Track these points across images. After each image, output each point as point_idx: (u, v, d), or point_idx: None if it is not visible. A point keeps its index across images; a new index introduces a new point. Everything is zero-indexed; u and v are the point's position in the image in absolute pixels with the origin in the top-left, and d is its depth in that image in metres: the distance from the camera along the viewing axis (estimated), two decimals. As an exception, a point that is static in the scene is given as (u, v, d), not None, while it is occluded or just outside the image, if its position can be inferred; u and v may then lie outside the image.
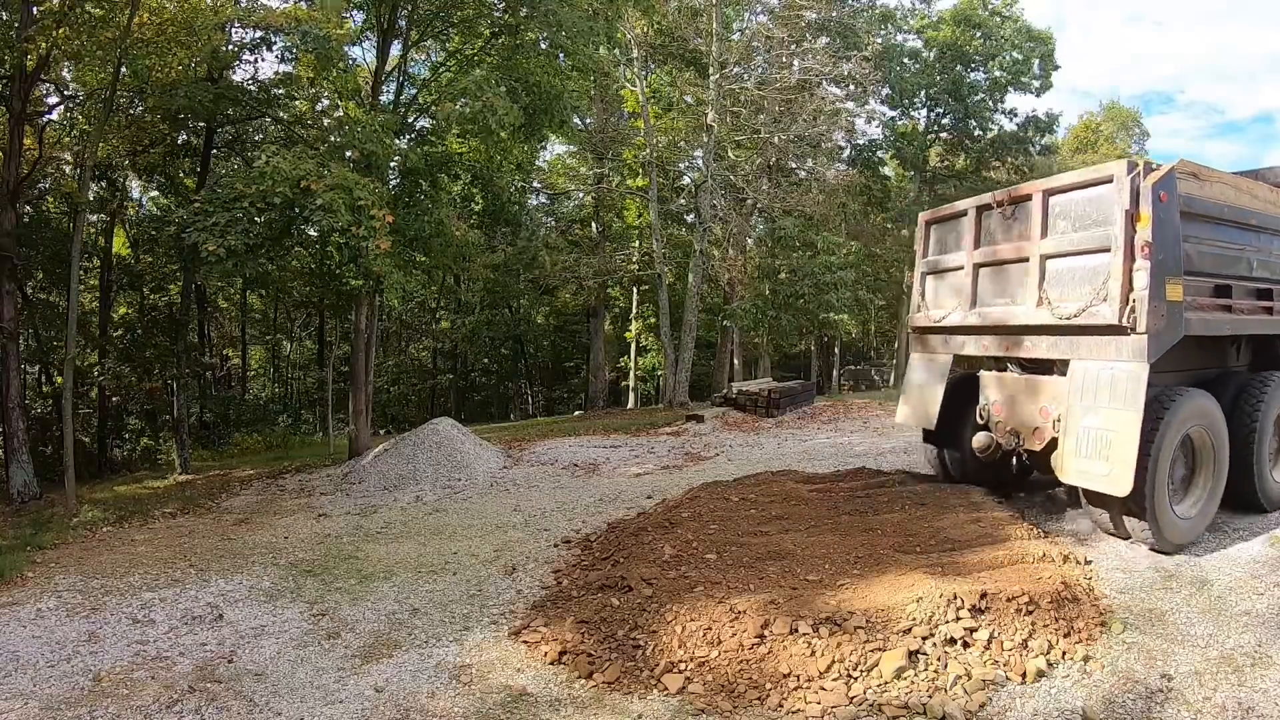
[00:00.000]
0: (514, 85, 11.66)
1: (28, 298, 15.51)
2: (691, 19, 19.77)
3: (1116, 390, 5.10)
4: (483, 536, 7.26)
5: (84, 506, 9.40)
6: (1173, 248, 5.11)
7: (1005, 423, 6.27)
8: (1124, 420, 5.00)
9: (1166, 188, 5.06)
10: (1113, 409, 5.10)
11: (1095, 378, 5.26)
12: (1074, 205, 5.50)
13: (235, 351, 26.41)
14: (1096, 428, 5.16)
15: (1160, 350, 5.06)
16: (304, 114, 13.28)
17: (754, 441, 12.15)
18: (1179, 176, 5.23)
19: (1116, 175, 5.14)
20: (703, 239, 19.62)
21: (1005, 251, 6.05)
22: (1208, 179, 5.61)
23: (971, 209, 6.40)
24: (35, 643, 4.97)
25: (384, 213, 9.33)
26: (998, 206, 6.12)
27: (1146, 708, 3.67)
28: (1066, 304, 5.43)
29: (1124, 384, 5.07)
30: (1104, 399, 5.17)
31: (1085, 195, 5.41)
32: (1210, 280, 5.62)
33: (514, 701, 4.04)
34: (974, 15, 27.15)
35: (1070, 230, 5.52)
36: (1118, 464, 4.97)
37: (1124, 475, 4.94)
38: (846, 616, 4.30)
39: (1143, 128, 46.17)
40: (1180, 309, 5.15)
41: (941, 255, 6.85)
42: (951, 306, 6.63)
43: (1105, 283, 5.17)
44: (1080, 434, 5.26)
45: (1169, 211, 5.08)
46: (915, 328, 7.12)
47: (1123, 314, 5.05)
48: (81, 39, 10.06)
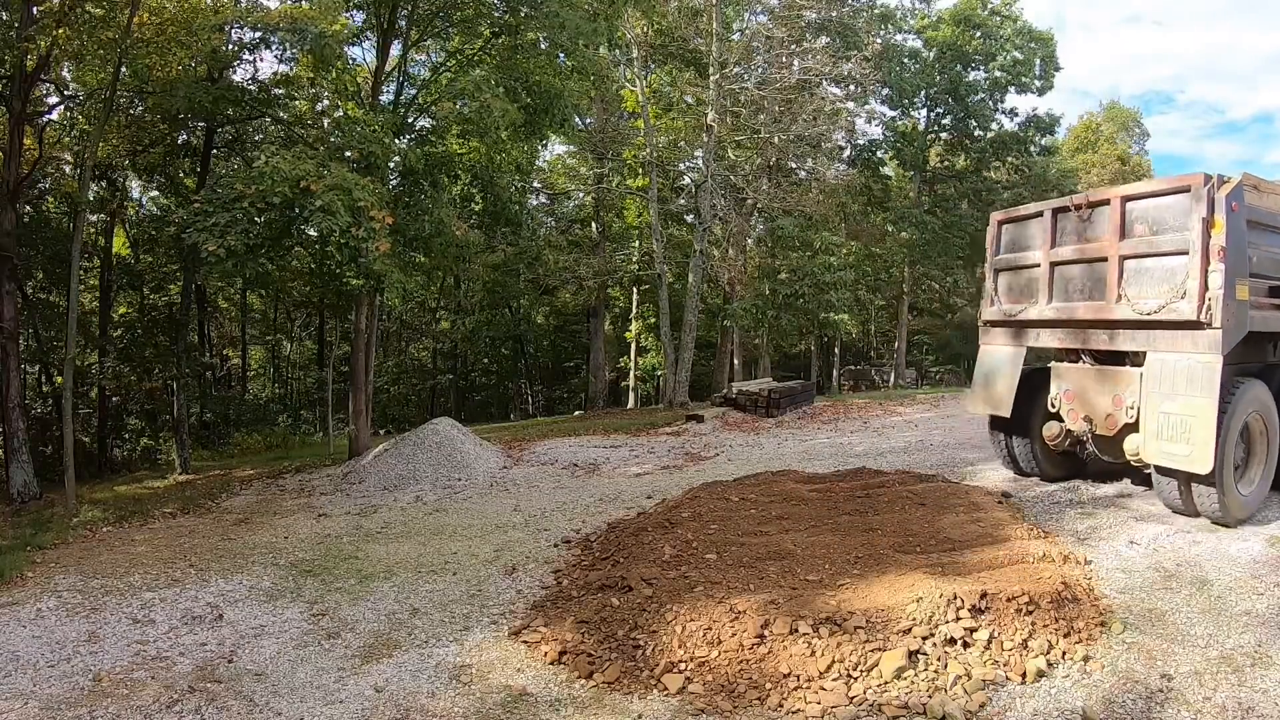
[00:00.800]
0: (514, 85, 11.65)
1: (28, 298, 15.51)
2: (691, 19, 19.77)
3: (1194, 379, 5.60)
4: (483, 536, 7.26)
5: (84, 506, 9.41)
6: (1241, 252, 5.62)
7: (1078, 410, 6.67)
8: (1202, 406, 5.50)
9: (1236, 198, 5.58)
10: (1190, 396, 5.60)
11: (1173, 368, 5.75)
12: (1152, 211, 6.00)
13: (235, 351, 26.41)
14: (1176, 413, 5.66)
15: (1231, 344, 5.55)
16: (304, 114, 13.29)
17: (754, 441, 12.15)
18: (1244, 188, 5.72)
19: (1194, 186, 5.65)
20: (703, 239, 19.62)
21: (1083, 251, 6.49)
22: (1267, 190, 6.09)
23: (1048, 211, 6.84)
24: (35, 643, 4.97)
25: (383, 214, 9.33)
26: (1075, 209, 6.56)
27: (1146, 708, 3.67)
28: (1145, 301, 5.92)
29: (1201, 373, 5.58)
30: (1182, 387, 5.67)
31: (1163, 202, 5.92)
32: (1267, 282, 6.04)
33: (514, 701, 4.04)
34: (974, 15, 27.14)
35: (1148, 234, 5.99)
36: (1198, 446, 5.47)
37: (1204, 456, 5.43)
38: (846, 616, 4.30)
39: (1143, 128, 46.21)
40: (1246, 307, 5.67)
41: (1014, 253, 7.26)
42: (1027, 301, 7.06)
43: (1184, 282, 5.67)
44: (1160, 419, 5.76)
45: (1238, 219, 5.59)
46: (988, 321, 7.52)
47: (1200, 310, 5.54)
48: (81, 39, 10.07)
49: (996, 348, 7.43)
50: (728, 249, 24.49)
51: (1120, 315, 6.08)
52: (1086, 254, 6.45)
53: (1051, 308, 6.74)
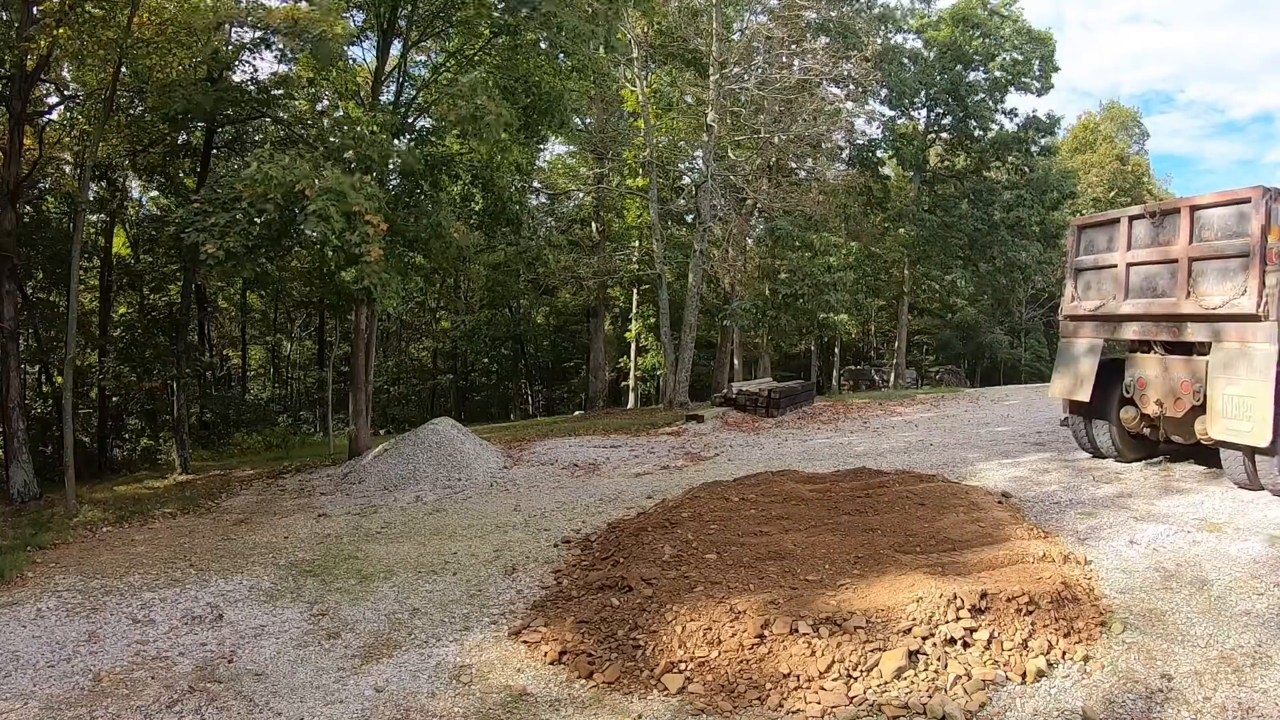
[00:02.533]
0: (514, 85, 11.64)
1: (28, 298, 15.51)
2: (691, 19, 19.76)
3: (1254, 365, 6.37)
4: (483, 536, 7.25)
5: (84, 506, 9.41)
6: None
7: (1150, 395, 7.46)
8: (1262, 389, 6.25)
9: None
10: (1251, 380, 6.35)
11: (1236, 355, 6.55)
12: (1217, 218, 6.80)
13: (235, 351, 26.42)
14: (1239, 395, 6.42)
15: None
16: (304, 114, 13.29)
17: (754, 441, 12.15)
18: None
19: (1254, 198, 6.43)
20: (703, 239, 19.62)
21: (1156, 254, 7.31)
22: None
23: (1124, 218, 7.72)
24: (35, 643, 4.97)
25: (378, 219, 9.29)
26: (1150, 217, 7.39)
27: (1146, 708, 3.67)
28: (1211, 297, 6.72)
29: (1260, 360, 6.34)
30: (1243, 372, 6.43)
31: (1227, 211, 6.69)
32: None
33: (514, 701, 4.04)
34: (973, 15, 27.14)
35: (1214, 239, 6.79)
36: (1259, 423, 6.22)
37: (1264, 431, 6.18)
38: (846, 616, 4.30)
39: (1142, 128, 46.17)
40: None
41: (1092, 255, 8.11)
42: (1105, 298, 7.88)
43: (1245, 281, 6.47)
44: (1225, 400, 6.53)
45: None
46: (1069, 316, 8.37)
47: (1259, 305, 6.31)
48: (82, 39, 10.05)
49: (1077, 340, 8.26)
50: (728, 249, 24.50)
51: (1189, 310, 6.91)
52: (1159, 256, 7.27)
53: (1128, 304, 7.57)
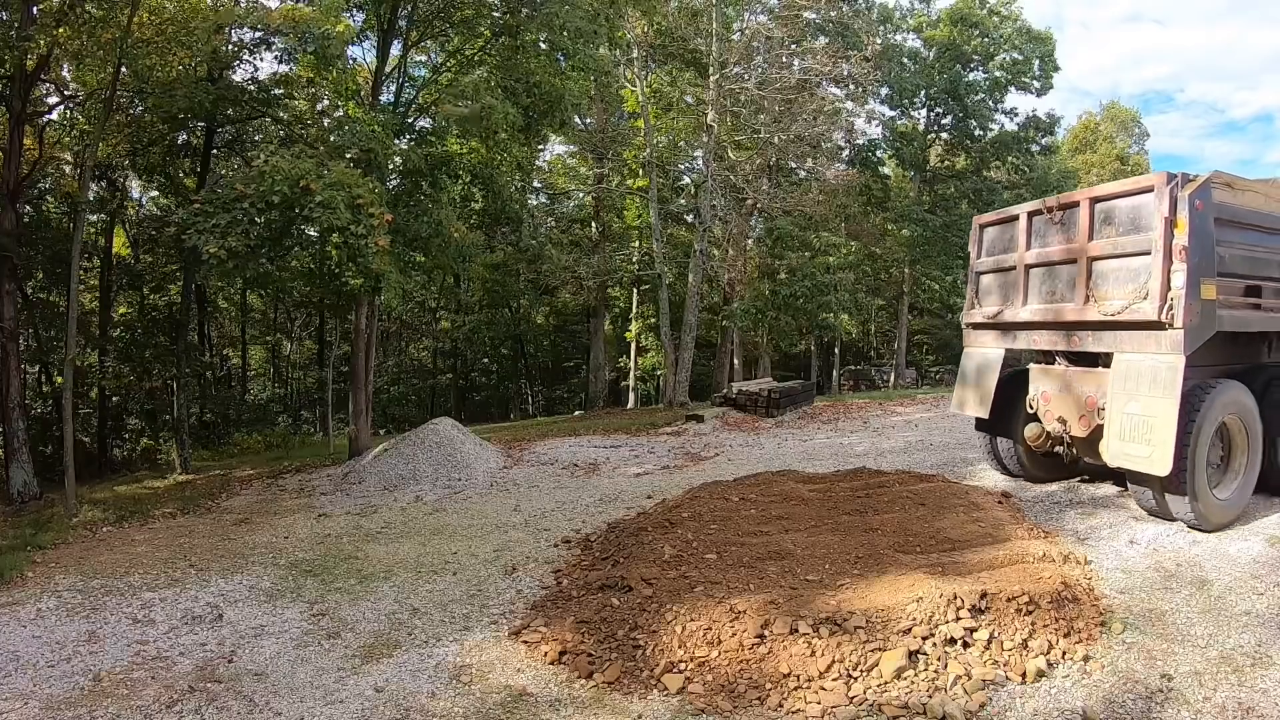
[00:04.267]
0: (514, 86, 11.64)
1: (28, 298, 15.51)
2: (691, 19, 19.77)
3: (1157, 380, 5.56)
4: (483, 536, 7.25)
5: (84, 506, 9.40)
6: (1207, 251, 5.57)
7: (1053, 411, 6.71)
8: (1163, 407, 5.45)
9: (1202, 196, 5.51)
10: (1152, 397, 5.55)
11: (1137, 368, 5.72)
12: (1118, 212, 5.96)
13: (235, 351, 26.42)
14: (1138, 414, 5.61)
15: (1195, 344, 5.50)
16: (304, 114, 13.30)
17: (754, 441, 12.15)
18: (1214, 186, 5.65)
19: (1157, 185, 5.59)
20: (703, 239, 19.62)
21: (1055, 253, 6.50)
22: (1241, 188, 6.00)
23: (1023, 213, 6.86)
24: (35, 643, 4.97)
25: (382, 211, 9.31)
26: (1047, 211, 6.58)
27: (1146, 708, 3.67)
28: (1111, 301, 5.90)
29: (1163, 374, 5.53)
30: (1145, 388, 5.62)
31: (1129, 203, 5.86)
32: (1242, 281, 6.01)
33: (514, 701, 4.04)
34: (972, 14, 27.16)
35: (1115, 234, 5.97)
36: (1158, 447, 5.41)
37: (1164, 457, 5.37)
38: (846, 616, 4.30)
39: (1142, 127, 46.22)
40: (1214, 307, 5.61)
41: (994, 256, 7.34)
42: (1004, 303, 7.13)
43: (1146, 282, 5.65)
44: (1123, 420, 5.71)
45: (1204, 218, 5.54)
46: (969, 323, 7.61)
47: (1162, 311, 5.50)
48: (81, 39, 10.06)
49: (978, 350, 7.53)
50: (728, 249, 24.50)
51: (1088, 316, 6.11)
52: (1058, 256, 6.46)
53: (1027, 310, 6.78)
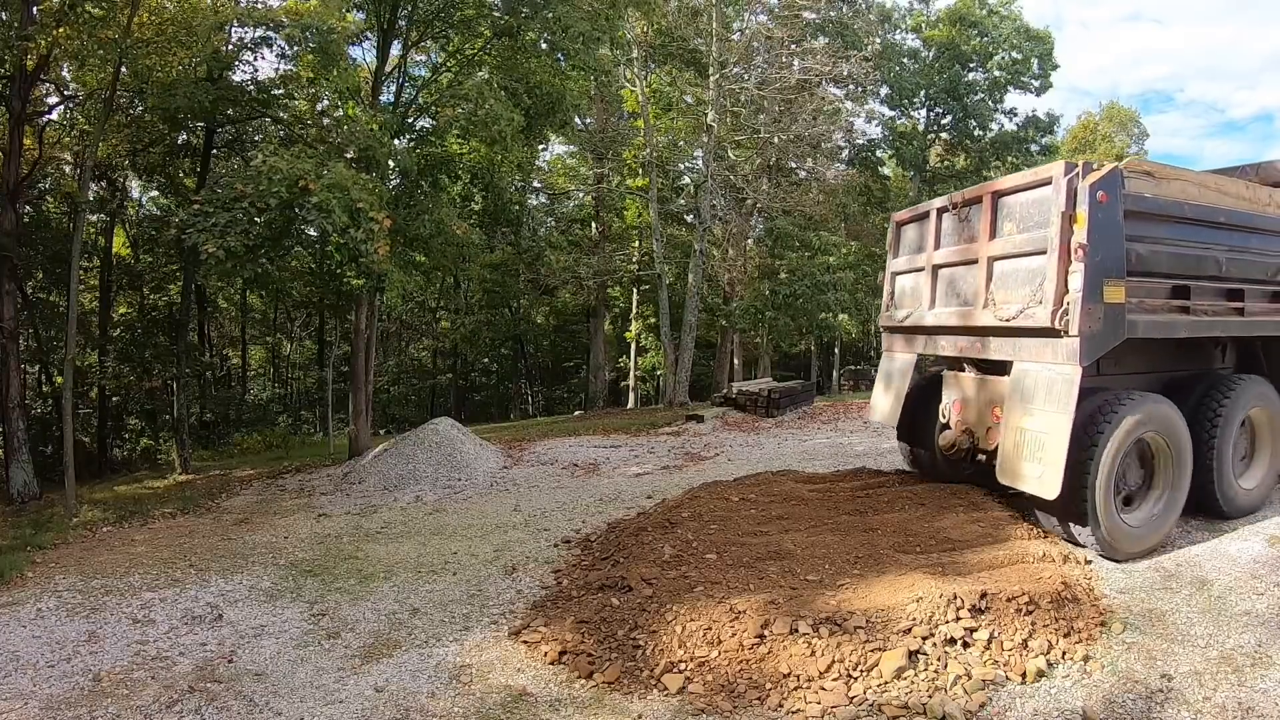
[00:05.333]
0: (515, 86, 11.65)
1: (28, 298, 15.50)
2: (691, 19, 19.77)
3: (1051, 393, 5.07)
4: (483, 536, 7.26)
5: (84, 506, 9.41)
6: (1114, 249, 5.04)
7: (962, 422, 6.33)
8: (1056, 423, 4.97)
9: (1107, 188, 4.98)
10: (1046, 412, 5.08)
11: (1034, 380, 5.25)
12: (1019, 207, 5.50)
13: (235, 351, 26.42)
14: (1032, 430, 5.16)
15: (1096, 353, 5.03)
16: (304, 114, 13.30)
17: (754, 441, 12.15)
18: (1129, 176, 5.17)
19: (1055, 176, 5.10)
20: (703, 239, 19.63)
21: (959, 253, 6.07)
22: (1165, 177, 5.47)
23: (934, 210, 6.40)
24: (35, 643, 4.97)
25: (383, 215, 9.29)
26: (953, 208, 6.15)
27: (1146, 708, 3.67)
28: (1008, 306, 5.43)
29: (1058, 387, 5.04)
30: (1039, 401, 5.15)
31: (1029, 197, 5.40)
32: (1167, 281, 5.51)
33: (514, 701, 4.04)
34: (971, 14, 27.18)
35: (1015, 232, 5.50)
36: (1049, 467, 4.95)
37: (1053, 479, 4.91)
38: (846, 616, 4.30)
39: (1142, 127, 46.21)
40: (1122, 311, 5.08)
41: (908, 256, 6.92)
42: (914, 306, 6.72)
43: (1041, 285, 5.14)
44: (1017, 436, 5.27)
45: (1109, 212, 5.00)
46: (884, 327, 7.29)
47: (1055, 316, 5.00)
48: (81, 39, 10.06)
49: (891, 355, 7.20)
50: (728, 249, 24.51)
51: (986, 322, 5.67)
52: (963, 256, 6.02)
53: (934, 313, 6.38)
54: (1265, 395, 6.16)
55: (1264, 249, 5.99)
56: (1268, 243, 6.02)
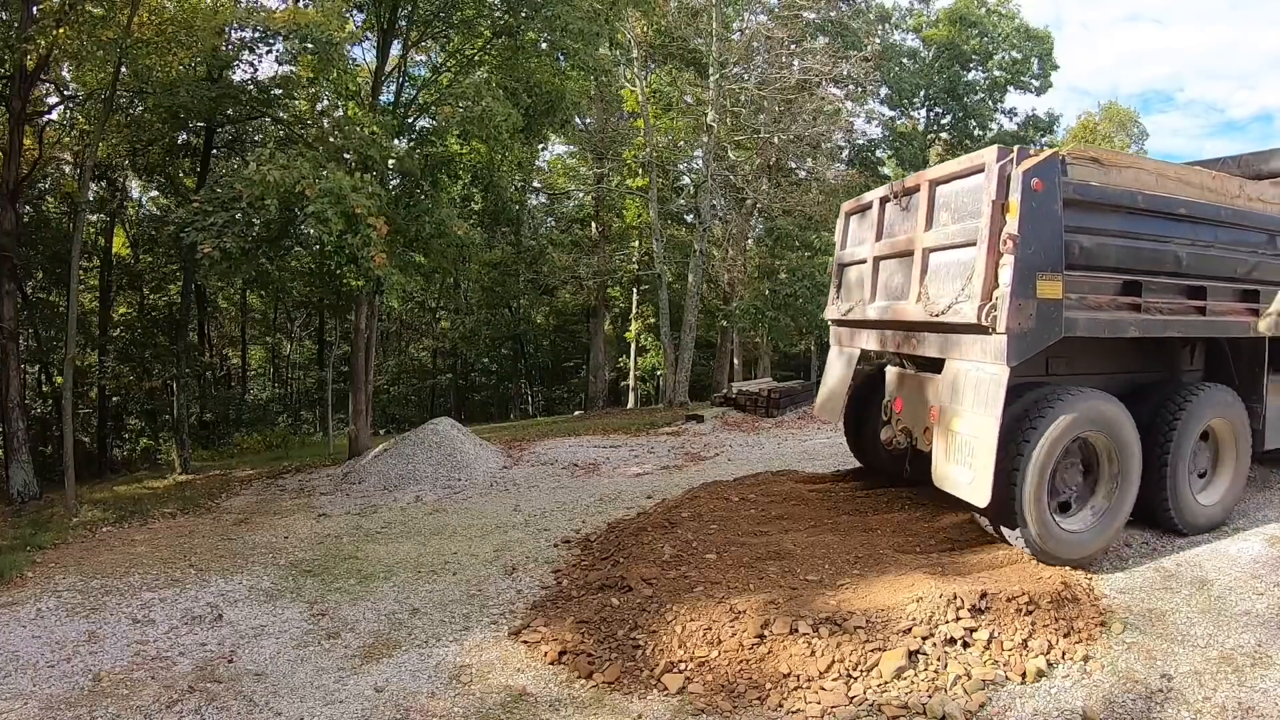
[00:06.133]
0: (515, 86, 11.65)
1: (28, 298, 15.51)
2: (691, 19, 19.78)
3: (980, 393, 4.78)
4: (483, 536, 7.25)
5: (84, 506, 9.40)
6: (1050, 240, 4.69)
7: (901, 420, 6.08)
8: (985, 426, 4.66)
9: (1043, 175, 4.62)
10: (975, 413, 4.78)
11: (964, 379, 4.95)
12: (954, 196, 5.18)
13: (235, 351, 26.42)
14: (962, 432, 4.88)
15: (1027, 352, 4.69)
16: (304, 114, 13.31)
17: (754, 441, 12.14)
18: (1072, 163, 4.86)
19: (987, 163, 4.77)
20: (703, 239, 19.63)
21: (898, 245, 5.79)
22: (1115, 165, 5.12)
23: (876, 200, 6.15)
24: (35, 643, 4.97)
25: (380, 220, 9.25)
26: (894, 197, 5.89)
27: (1146, 708, 3.67)
28: (940, 300, 5.10)
29: (985, 387, 4.73)
30: (968, 402, 4.86)
31: (963, 185, 5.09)
32: (1117, 276, 5.13)
33: (514, 701, 4.04)
34: (971, 14, 27.21)
35: (950, 222, 5.20)
36: (979, 472, 4.66)
37: (983, 484, 4.62)
38: (846, 616, 4.30)
39: (1141, 127, 46.18)
40: (1058, 307, 4.72)
41: (853, 247, 6.66)
42: (857, 300, 6.47)
43: (970, 278, 4.81)
44: (949, 438, 5.00)
45: (1045, 201, 4.64)
46: (831, 320, 7.07)
47: (982, 312, 4.66)
48: (81, 39, 10.05)
49: (835, 350, 6.98)
50: (728, 249, 24.50)
51: (919, 316, 5.35)
52: (901, 247, 5.71)
53: (874, 307, 6.06)
54: (1228, 406, 5.75)
55: (1232, 244, 5.61)
56: (1237, 238, 5.64)
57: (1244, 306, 5.72)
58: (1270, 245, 5.82)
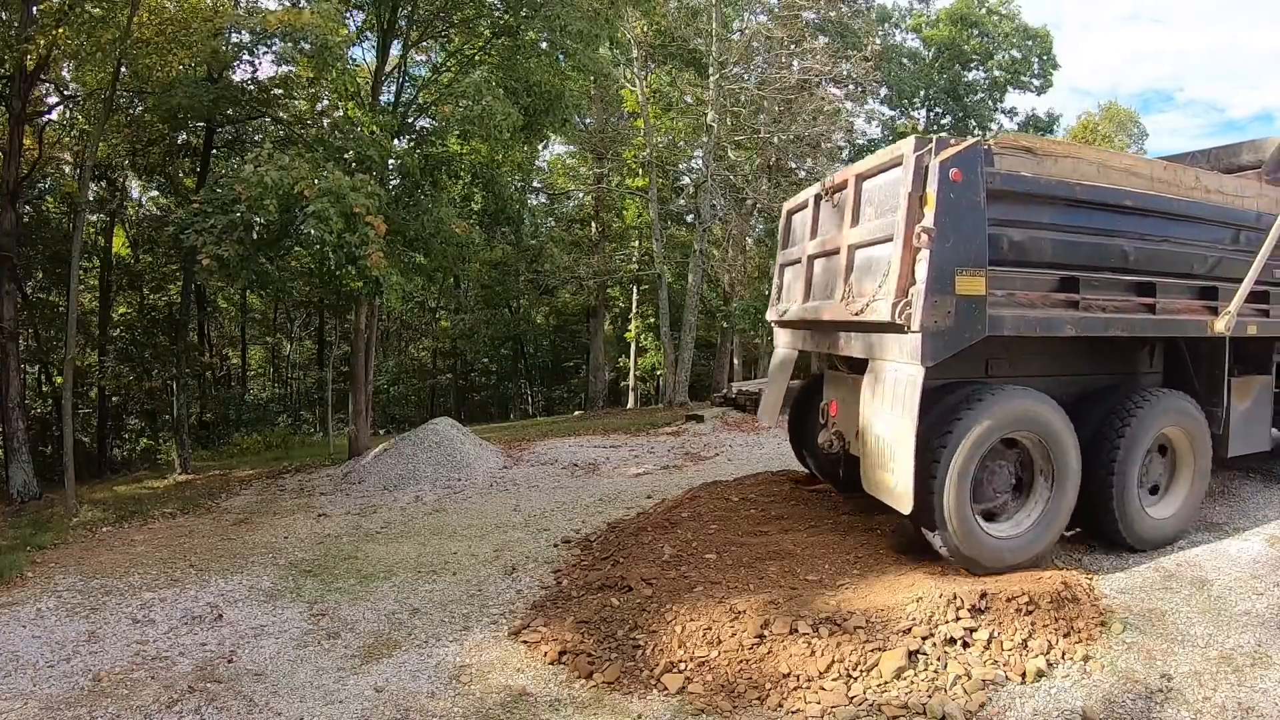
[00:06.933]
0: (514, 85, 11.64)
1: (28, 298, 15.50)
2: (691, 19, 19.77)
3: (896, 395, 4.57)
4: (483, 536, 7.25)
5: (84, 506, 9.40)
6: (971, 234, 4.43)
7: (836, 423, 5.83)
8: (902, 429, 4.46)
9: (963, 165, 4.39)
10: (893, 416, 4.58)
11: (884, 380, 4.74)
12: (878, 191, 4.98)
13: (235, 351, 26.41)
14: (883, 436, 4.69)
15: (944, 352, 4.45)
16: (304, 114, 13.30)
17: (754, 441, 12.14)
18: (999, 153, 4.61)
19: (905, 156, 4.56)
20: (703, 239, 19.63)
21: (828, 242, 5.63)
22: (1051, 154, 4.83)
23: (811, 197, 5.98)
24: (35, 643, 4.97)
25: (378, 220, 9.24)
26: (826, 195, 5.72)
27: (1146, 708, 3.67)
28: (861, 298, 4.91)
29: (901, 389, 4.53)
30: (887, 404, 4.66)
31: (885, 179, 4.89)
32: (1053, 272, 4.87)
33: (514, 701, 4.04)
34: (971, 14, 27.22)
35: (873, 218, 5.00)
36: (900, 477, 4.48)
37: (905, 490, 4.45)
38: (846, 616, 4.30)
39: (1141, 127, 46.19)
40: (980, 305, 4.47)
41: (792, 246, 6.53)
42: (792, 300, 6.28)
43: (886, 275, 4.61)
44: (871, 441, 4.80)
45: (965, 193, 4.40)
46: (770, 321, 6.94)
47: (896, 310, 4.44)
48: (81, 39, 10.05)
49: (776, 352, 6.83)
50: (728, 249, 24.49)
51: (843, 316, 5.15)
52: (830, 245, 5.54)
53: (807, 307, 5.89)
54: (1185, 414, 5.43)
55: (1187, 239, 5.34)
56: (1192, 232, 5.37)
57: (1201, 305, 5.44)
58: (1234, 241, 5.57)
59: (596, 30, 12.11)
